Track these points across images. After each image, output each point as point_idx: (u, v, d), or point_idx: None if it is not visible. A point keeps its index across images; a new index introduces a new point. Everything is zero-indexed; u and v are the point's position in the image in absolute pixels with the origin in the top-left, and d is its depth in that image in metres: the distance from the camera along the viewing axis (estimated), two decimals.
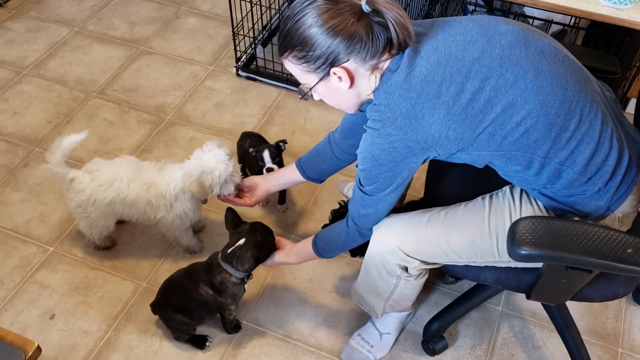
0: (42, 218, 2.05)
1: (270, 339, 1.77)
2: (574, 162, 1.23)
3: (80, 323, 1.79)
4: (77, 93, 2.51)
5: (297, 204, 2.12)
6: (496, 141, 1.20)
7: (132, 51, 2.70)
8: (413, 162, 1.24)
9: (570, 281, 1.27)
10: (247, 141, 2.02)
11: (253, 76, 2.57)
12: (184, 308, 1.64)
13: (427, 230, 1.38)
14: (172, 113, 2.43)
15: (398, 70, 1.19)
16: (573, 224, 1.20)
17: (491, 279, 1.40)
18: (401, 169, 1.25)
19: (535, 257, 1.16)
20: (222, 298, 1.60)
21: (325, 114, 2.44)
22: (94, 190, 1.73)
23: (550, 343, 1.78)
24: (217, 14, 2.92)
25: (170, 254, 1.96)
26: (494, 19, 1.26)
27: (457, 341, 1.78)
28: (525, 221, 1.19)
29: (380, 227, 1.41)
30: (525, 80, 1.17)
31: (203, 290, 1.60)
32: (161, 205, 1.74)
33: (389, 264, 1.43)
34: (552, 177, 1.25)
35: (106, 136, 2.33)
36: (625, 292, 1.37)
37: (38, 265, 1.93)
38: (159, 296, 1.69)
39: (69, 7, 2.93)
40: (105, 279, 1.90)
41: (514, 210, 1.35)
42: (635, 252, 1.12)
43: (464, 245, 1.36)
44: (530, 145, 1.20)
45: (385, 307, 1.60)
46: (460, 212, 1.39)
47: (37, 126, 2.36)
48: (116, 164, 1.78)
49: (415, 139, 1.19)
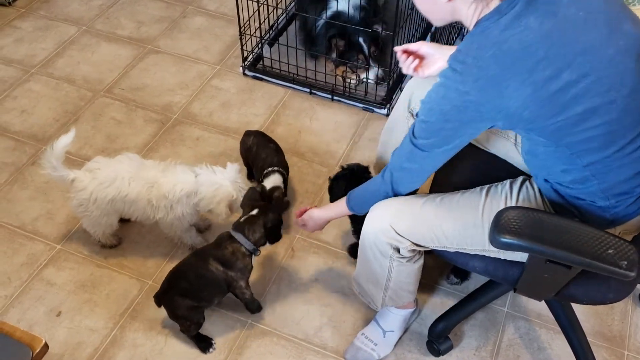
0: (49, 216, 2.06)
1: (275, 338, 1.78)
2: (605, 179, 1.21)
3: (87, 321, 1.80)
4: (84, 92, 2.52)
5: (303, 203, 2.12)
6: (558, 135, 1.16)
7: (139, 50, 2.71)
8: (478, 128, 1.19)
9: (552, 276, 1.27)
10: (251, 138, 2.03)
11: (259, 76, 2.58)
12: (192, 290, 1.62)
13: (421, 212, 1.40)
14: (178, 112, 2.44)
15: (505, 16, 1.09)
16: (559, 219, 1.21)
17: (479, 267, 1.42)
18: (464, 131, 1.20)
19: (514, 246, 1.17)
20: (232, 272, 1.62)
21: (331, 114, 2.44)
22: (95, 189, 1.74)
23: (556, 345, 1.77)
24: (224, 14, 2.92)
25: (176, 253, 1.97)
26: (625, 10, 1.17)
27: (462, 342, 1.78)
28: (513, 211, 1.20)
29: (376, 206, 1.44)
30: (619, 93, 1.12)
31: (213, 266, 1.61)
32: (161, 206, 1.75)
33: (382, 244, 1.44)
34: (575, 181, 1.24)
35: (113, 135, 2.34)
36: (615, 298, 1.36)
37: (45, 262, 1.94)
38: (164, 285, 1.67)
39: (77, 6, 2.95)
40: (112, 277, 1.91)
41: (510, 202, 1.36)
42: (616, 253, 1.12)
43: (456, 232, 1.37)
44: (583, 151, 1.18)
45: (384, 298, 1.61)
46: (456, 199, 1.40)
47: (45, 124, 2.38)
48: (118, 161, 1.79)
49: (490, 106, 1.12)
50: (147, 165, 1.78)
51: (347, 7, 2.36)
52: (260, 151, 2.00)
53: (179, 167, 1.78)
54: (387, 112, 2.43)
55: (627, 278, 1.12)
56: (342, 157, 2.28)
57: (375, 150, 2.27)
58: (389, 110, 2.43)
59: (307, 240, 2.02)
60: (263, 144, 2.02)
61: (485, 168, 1.53)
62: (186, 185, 1.72)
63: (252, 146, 2.02)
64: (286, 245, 1.99)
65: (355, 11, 2.41)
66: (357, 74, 2.48)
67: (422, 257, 1.53)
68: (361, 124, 2.40)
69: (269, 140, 2.06)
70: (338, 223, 1.96)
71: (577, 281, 1.32)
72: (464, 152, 1.60)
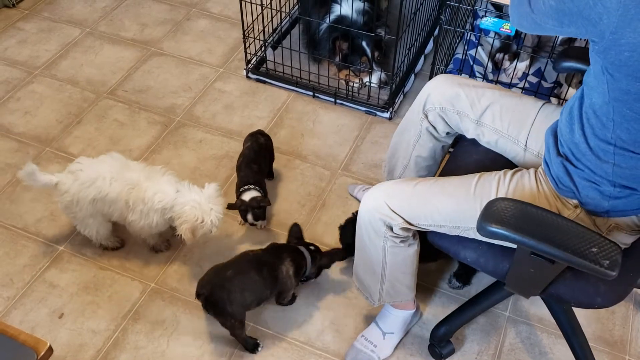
0: (52, 217, 2.07)
1: (277, 341, 1.78)
2: (623, 161, 1.20)
3: (89, 323, 1.80)
4: (87, 93, 2.52)
5: (305, 206, 2.13)
6: (626, 99, 1.12)
7: (143, 52, 2.72)
8: (583, 25, 1.10)
9: (538, 271, 1.28)
10: (249, 142, 2.06)
11: (263, 79, 2.58)
12: (255, 285, 1.65)
13: (415, 189, 1.45)
14: (182, 114, 2.44)
15: None
16: (548, 214, 1.22)
17: (470, 258, 1.44)
18: (572, 20, 1.12)
19: (499, 235, 1.19)
20: (295, 279, 1.72)
21: (334, 117, 2.44)
22: (77, 190, 1.74)
23: (557, 349, 1.78)
24: (227, 17, 2.93)
25: (178, 256, 1.97)
26: None
27: (464, 346, 1.78)
28: (504, 202, 1.23)
29: (372, 188, 1.50)
30: None
31: (285, 267, 1.68)
32: (137, 210, 1.74)
33: (376, 222, 1.48)
34: (596, 147, 1.22)
35: (116, 137, 2.34)
36: (602, 303, 1.36)
37: (48, 264, 1.94)
38: (214, 280, 1.63)
39: (81, 8, 2.96)
40: (114, 279, 1.91)
41: (502, 184, 1.39)
42: (599, 252, 1.14)
43: (448, 207, 1.40)
44: (631, 120, 1.14)
45: (381, 292, 1.63)
46: (450, 179, 1.45)
47: (48, 126, 2.38)
48: (101, 161, 1.79)
49: (613, 21, 1.04)
50: (131, 167, 1.78)
51: (350, 11, 2.37)
52: (244, 167, 2.00)
53: (166, 177, 1.77)
54: (390, 115, 2.43)
55: (608, 277, 1.13)
56: (344, 160, 2.28)
57: (378, 153, 2.29)
58: (391, 113, 2.43)
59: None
60: (252, 160, 2.02)
61: (491, 167, 1.55)
62: (165, 198, 1.72)
63: (244, 150, 2.04)
64: None
65: (358, 15, 2.41)
66: (360, 77, 2.49)
67: (416, 242, 1.56)
68: (364, 127, 2.41)
69: (261, 155, 2.06)
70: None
71: (565, 281, 1.34)
72: (472, 150, 1.63)
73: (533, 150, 1.52)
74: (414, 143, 1.72)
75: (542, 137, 1.46)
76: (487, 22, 1.68)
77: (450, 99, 1.61)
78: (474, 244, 1.43)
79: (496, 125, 1.56)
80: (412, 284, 1.64)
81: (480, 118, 1.57)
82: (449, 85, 1.62)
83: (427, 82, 1.69)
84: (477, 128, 1.59)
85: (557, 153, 1.34)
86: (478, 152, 1.62)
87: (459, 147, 1.69)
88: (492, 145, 1.60)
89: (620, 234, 1.34)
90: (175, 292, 1.88)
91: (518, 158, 1.56)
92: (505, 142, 1.57)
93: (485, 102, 1.57)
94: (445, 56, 2.37)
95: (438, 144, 1.72)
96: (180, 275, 1.92)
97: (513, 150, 1.56)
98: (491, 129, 1.57)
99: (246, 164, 2.01)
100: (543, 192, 1.37)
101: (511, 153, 1.57)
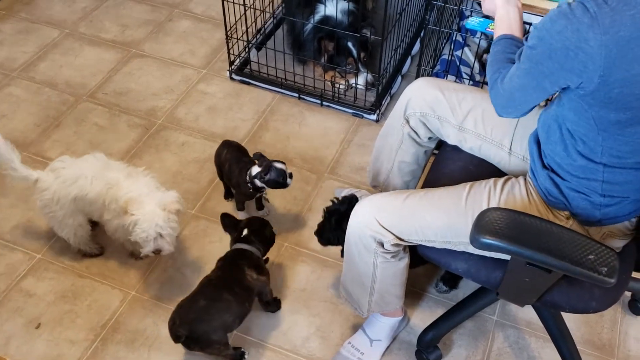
0: (30, 224, 2.01)
1: (261, 349, 1.74)
2: (611, 179, 1.20)
3: (67, 332, 1.75)
4: (67, 96, 2.47)
5: (291, 210, 2.09)
6: (609, 126, 1.12)
7: (123, 54, 2.67)
8: (566, 80, 1.11)
9: (533, 280, 1.26)
10: (225, 151, 1.97)
11: (247, 80, 2.54)
12: (232, 305, 1.59)
13: (404, 204, 1.41)
14: (163, 117, 2.40)
15: None
16: (542, 222, 1.19)
17: (462, 269, 1.41)
18: (553, 79, 1.12)
19: (494, 247, 1.16)
20: (262, 275, 1.68)
21: (320, 119, 2.41)
22: (58, 188, 1.71)
23: (546, 353, 1.76)
24: (211, 17, 2.88)
25: (159, 263, 1.93)
26: None
27: (452, 351, 1.75)
28: (496, 212, 1.19)
29: (361, 202, 1.46)
30: None
31: (249, 275, 1.64)
32: (111, 209, 1.71)
33: (366, 238, 1.44)
34: (583, 167, 1.22)
35: (96, 140, 2.29)
36: (597, 307, 1.35)
37: (24, 272, 1.89)
38: (191, 316, 1.54)
39: (60, 8, 2.90)
40: (93, 287, 1.86)
41: (493, 195, 1.35)
42: (597, 259, 1.11)
43: (439, 221, 1.36)
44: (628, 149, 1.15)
45: (370, 303, 1.59)
46: (439, 192, 1.41)
47: (26, 130, 2.32)
48: (83, 160, 1.77)
49: (600, 65, 1.04)
50: (112, 166, 1.76)
51: (335, 11, 2.33)
52: (234, 167, 1.93)
53: (146, 179, 1.72)
54: (377, 117, 2.40)
55: (607, 284, 1.10)
56: (331, 163, 2.25)
57: (365, 156, 2.25)
58: (378, 116, 2.40)
59: (295, 248, 1.98)
60: (237, 159, 1.94)
61: (477, 173, 1.52)
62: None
63: (224, 162, 1.95)
64: (273, 254, 1.96)
65: (343, 16, 2.38)
66: (346, 79, 2.45)
67: (407, 256, 1.52)
68: (350, 129, 2.38)
69: (244, 153, 1.98)
70: None
71: (560, 288, 1.32)
72: (455, 156, 1.60)
73: (518, 154, 1.49)
74: (396, 148, 1.69)
75: (526, 140, 1.43)
76: (473, 22, 1.65)
77: (431, 104, 1.58)
78: (465, 255, 1.40)
79: (479, 130, 1.53)
80: (401, 293, 1.61)
81: (462, 123, 1.54)
82: (429, 89, 1.59)
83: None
84: (459, 134, 1.56)
85: (543, 165, 1.32)
86: (462, 158, 1.59)
87: (442, 152, 1.66)
88: (475, 151, 1.57)
89: (613, 239, 1.32)
90: (156, 300, 1.83)
91: (503, 163, 1.54)
92: (489, 147, 1.54)
93: (467, 107, 1.54)
94: (432, 57, 2.34)
95: (421, 148, 1.70)
96: (161, 283, 1.88)
97: (498, 155, 1.53)
98: (474, 134, 1.54)
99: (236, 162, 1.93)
100: (534, 203, 1.34)
101: (496, 158, 1.54)
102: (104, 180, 1.71)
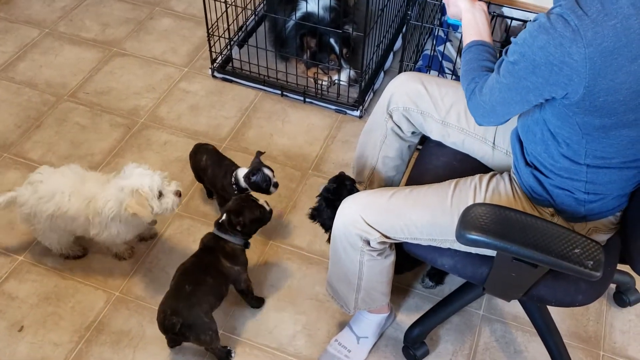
0: (11, 226, 1.98)
1: (247, 348, 1.73)
2: (595, 179, 1.21)
3: (51, 335, 1.73)
4: (47, 96, 2.43)
5: (276, 208, 2.07)
6: (604, 131, 1.13)
7: (104, 53, 2.64)
8: (550, 93, 1.11)
9: (519, 275, 1.26)
10: (204, 157, 1.94)
11: (229, 77, 2.52)
12: (214, 288, 1.61)
13: (390, 202, 1.40)
14: (145, 116, 2.37)
15: None
16: (528, 217, 1.19)
17: (448, 265, 1.41)
18: (538, 92, 1.12)
19: (480, 243, 1.16)
20: (237, 266, 1.67)
21: (303, 116, 2.40)
22: (35, 204, 1.68)
23: (532, 347, 1.76)
24: (192, 15, 2.86)
25: (143, 263, 1.91)
26: None
27: (439, 347, 1.76)
28: (481, 207, 1.19)
29: (347, 200, 1.45)
30: None
31: (222, 263, 1.63)
32: (96, 223, 1.68)
33: (352, 236, 1.43)
34: (567, 168, 1.22)
35: (77, 141, 2.26)
36: (583, 300, 1.36)
37: (6, 275, 1.86)
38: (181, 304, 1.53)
39: (39, 7, 2.85)
40: (77, 289, 1.83)
41: (479, 192, 1.35)
42: (582, 253, 1.12)
43: (425, 220, 1.36)
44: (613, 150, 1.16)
45: (357, 300, 1.59)
46: (425, 189, 1.40)
47: (6, 131, 2.29)
48: (61, 173, 1.72)
49: (584, 77, 1.04)
50: (88, 178, 1.71)
51: (317, 8, 2.32)
52: (217, 170, 1.91)
53: (114, 180, 1.68)
54: (360, 114, 2.40)
55: (593, 278, 1.11)
56: (315, 160, 2.24)
57: (349, 152, 2.25)
58: (361, 112, 2.40)
59: (280, 246, 1.97)
60: (218, 163, 1.93)
61: (461, 168, 1.52)
62: (114, 204, 1.64)
63: (206, 168, 1.93)
64: (258, 252, 1.95)
65: (325, 12, 2.37)
66: (329, 75, 2.44)
67: (393, 253, 1.52)
68: (334, 126, 2.37)
69: (221, 157, 1.96)
70: (311, 228, 1.92)
71: (546, 282, 1.32)
72: (439, 152, 1.60)
73: (502, 148, 1.50)
74: (380, 144, 1.69)
75: (509, 134, 1.44)
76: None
77: (414, 99, 1.57)
78: (451, 251, 1.40)
79: (462, 124, 1.53)
80: (388, 290, 1.61)
81: (445, 118, 1.54)
82: (412, 83, 1.58)
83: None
84: (442, 128, 1.56)
85: (525, 163, 1.32)
86: (445, 154, 1.59)
87: (425, 148, 1.66)
88: (458, 146, 1.57)
89: (598, 234, 1.32)
90: (141, 300, 1.82)
91: (487, 157, 1.54)
92: (473, 142, 1.54)
93: (449, 101, 1.54)
94: (414, 53, 2.34)
95: (404, 143, 1.69)
96: (145, 283, 1.86)
97: (481, 149, 1.53)
98: (457, 129, 1.54)
99: (218, 166, 1.92)
100: (519, 200, 1.34)
101: (479, 152, 1.54)
102: (82, 196, 1.67)
